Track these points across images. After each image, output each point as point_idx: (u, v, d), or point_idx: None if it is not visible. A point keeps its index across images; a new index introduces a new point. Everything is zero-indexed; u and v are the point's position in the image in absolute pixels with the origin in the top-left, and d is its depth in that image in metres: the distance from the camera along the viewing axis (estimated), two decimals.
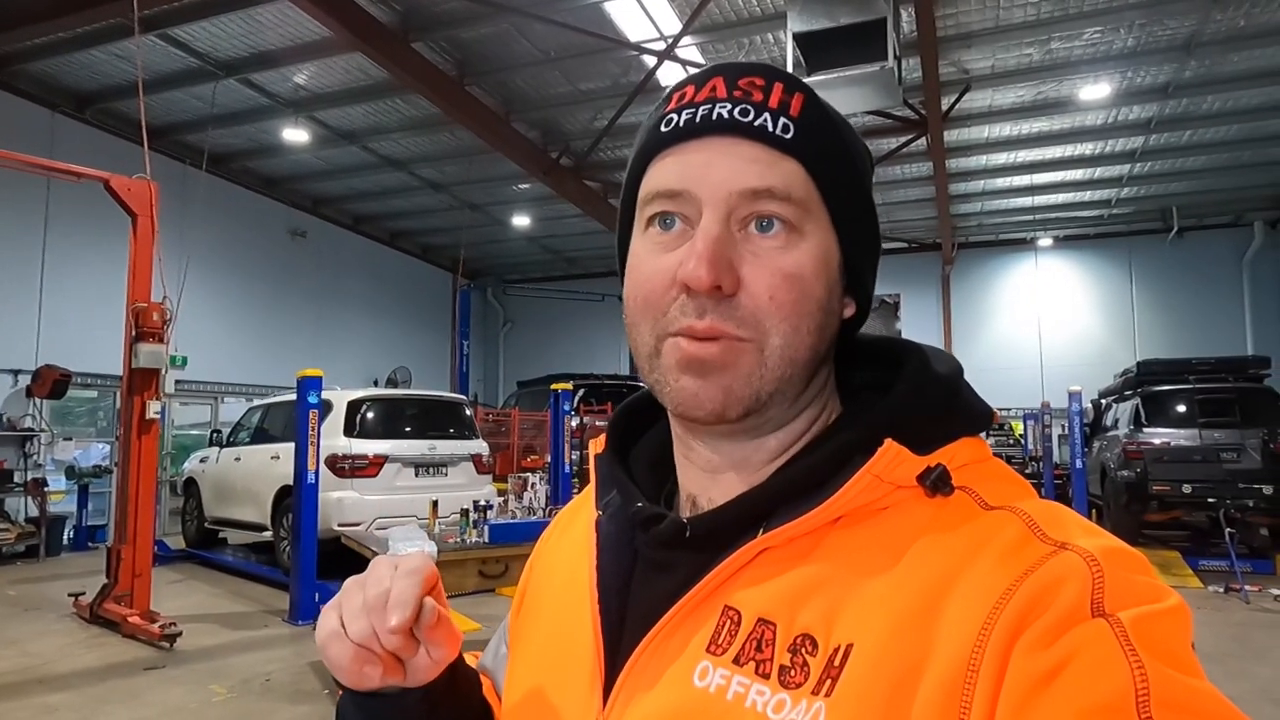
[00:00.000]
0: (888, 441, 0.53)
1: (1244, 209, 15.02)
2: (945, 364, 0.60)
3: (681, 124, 0.57)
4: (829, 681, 0.48)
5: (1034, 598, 0.45)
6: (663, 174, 0.57)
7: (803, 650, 0.50)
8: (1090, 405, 11.60)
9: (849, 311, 0.61)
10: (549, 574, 0.72)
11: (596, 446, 0.71)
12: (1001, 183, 13.91)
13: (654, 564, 0.60)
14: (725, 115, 0.56)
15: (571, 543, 0.70)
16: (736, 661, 0.52)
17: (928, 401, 0.57)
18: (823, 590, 0.52)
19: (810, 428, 0.60)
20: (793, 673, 0.50)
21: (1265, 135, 11.72)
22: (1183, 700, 0.41)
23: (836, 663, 0.49)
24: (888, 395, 0.58)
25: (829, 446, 0.57)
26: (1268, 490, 8.37)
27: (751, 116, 0.55)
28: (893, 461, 0.53)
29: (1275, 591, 7.45)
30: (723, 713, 0.51)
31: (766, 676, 0.51)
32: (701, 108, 0.56)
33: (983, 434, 0.59)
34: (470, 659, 0.81)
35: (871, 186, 0.62)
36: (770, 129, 0.55)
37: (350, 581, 0.58)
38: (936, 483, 0.53)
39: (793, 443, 0.60)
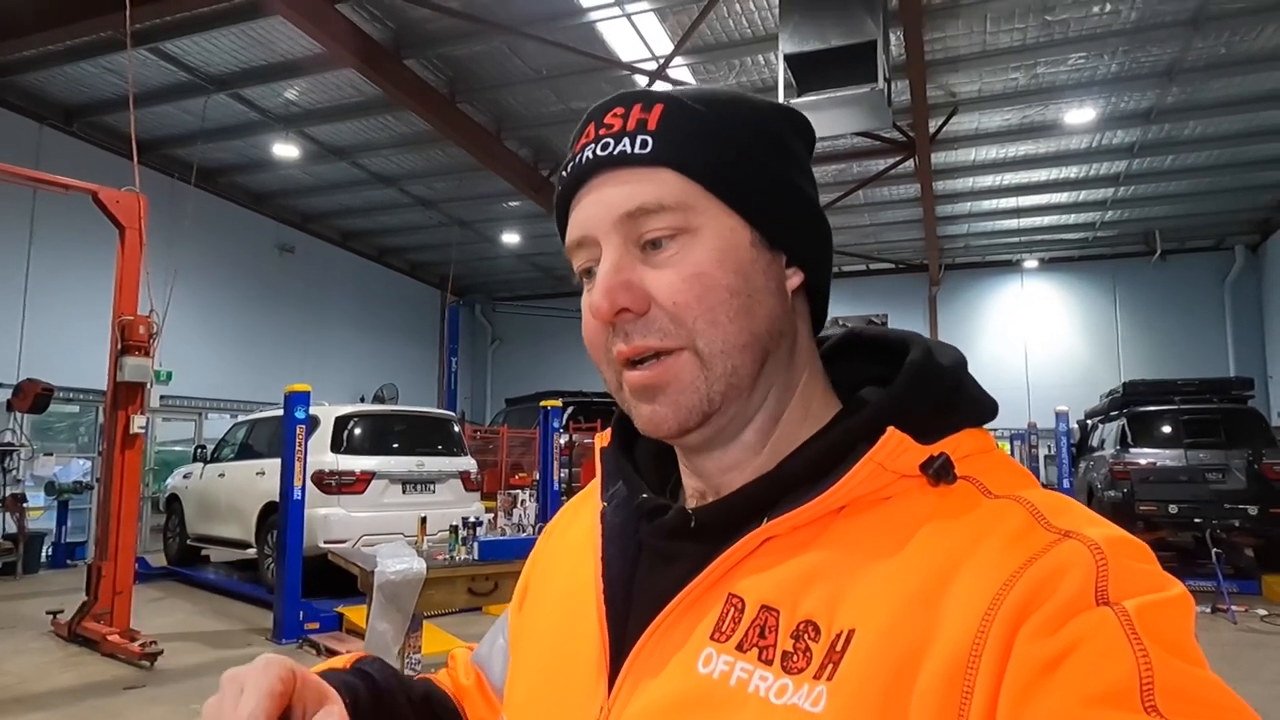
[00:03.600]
0: (890, 430, 0.53)
1: (1225, 233, 15.25)
2: (949, 356, 0.60)
3: (568, 177, 0.61)
4: (831, 666, 0.49)
5: (1038, 585, 0.46)
6: (569, 229, 0.61)
7: (805, 636, 0.51)
8: (1076, 426, 11.67)
9: (794, 281, 0.61)
10: (553, 566, 0.72)
11: (602, 440, 0.71)
12: (988, 205, 14.06)
13: (659, 554, 0.60)
14: (591, 156, 0.59)
15: (576, 535, 0.70)
16: (740, 648, 0.53)
17: (931, 392, 0.57)
18: (826, 577, 0.52)
19: (785, 409, 0.61)
20: (795, 658, 0.50)
21: (1246, 160, 11.92)
22: (1187, 688, 0.42)
23: (838, 648, 0.49)
24: (891, 385, 0.58)
25: (832, 436, 0.57)
26: (1253, 511, 8.42)
27: (611, 147, 0.58)
28: (896, 450, 0.53)
29: (1261, 611, 7.50)
30: (726, 698, 0.51)
31: (769, 662, 0.51)
32: (579, 156, 0.60)
33: (986, 426, 0.59)
34: (464, 652, 0.83)
35: (789, 153, 0.61)
36: (629, 151, 0.58)
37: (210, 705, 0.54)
38: (940, 471, 0.53)
39: (771, 428, 0.60)
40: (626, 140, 0.58)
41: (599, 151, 0.59)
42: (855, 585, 0.51)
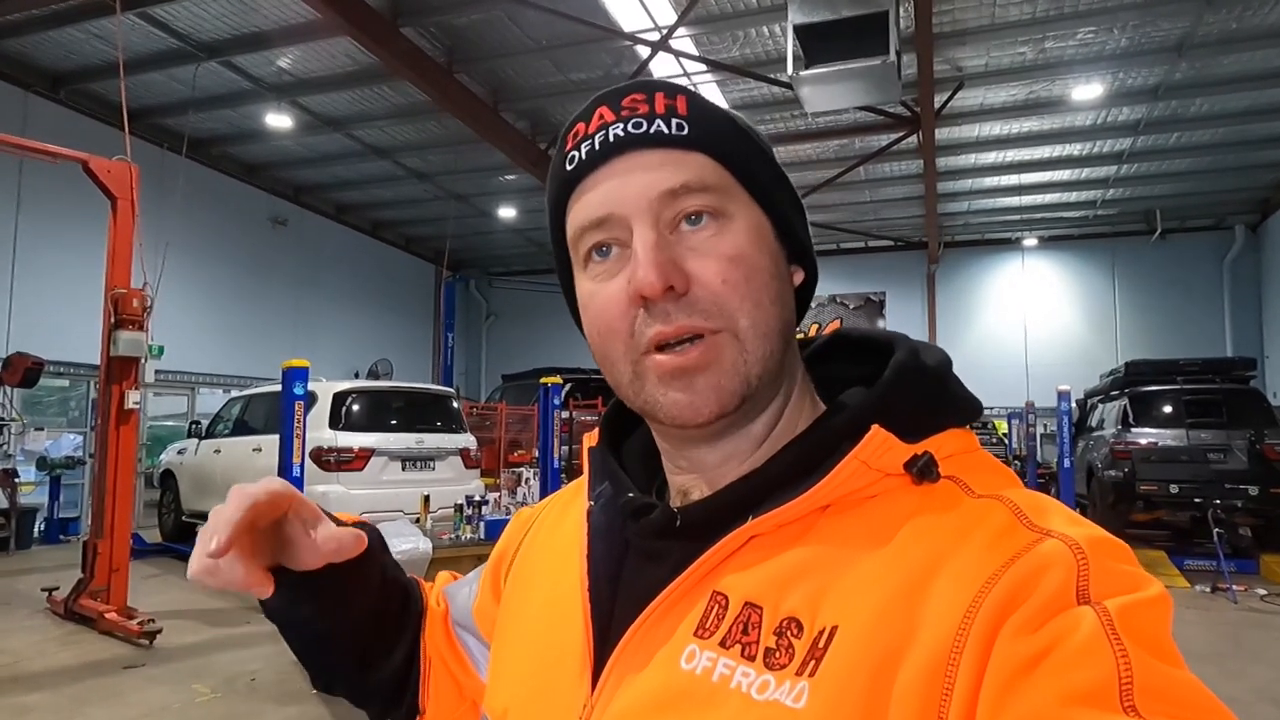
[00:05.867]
0: (874, 428, 0.53)
1: (1225, 212, 15.20)
2: (933, 356, 0.60)
3: (584, 156, 0.59)
4: (813, 662, 0.49)
5: (1019, 584, 0.46)
6: (584, 207, 0.59)
7: (788, 633, 0.51)
8: (1075, 405, 11.65)
9: (799, 278, 0.63)
10: (540, 566, 0.72)
11: (591, 439, 0.71)
12: (989, 182, 13.96)
13: (645, 553, 0.61)
14: (621, 133, 0.57)
15: (564, 535, 0.70)
16: (723, 644, 0.53)
17: (915, 391, 0.57)
18: (809, 574, 0.52)
19: (786, 405, 0.61)
20: (778, 654, 0.51)
21: (1248, 139, 11.86)
22: (1165, 689, 0.42)
23: (821, 644, 0.49)
24: (875, 384, 0.58)
25: (817, 434, 0.57)
26: (1253, 491, 8.42)
27: (645, 127, 0.57)
28: (879, 448, 0.53)
29: (1261, 591, 7.52)
30: (709, 694, 0.52)
31: (752, 658, 0.51)
32: (597, 136, 0.58)
33: (971, 426, 0.59)
34: (447, 577, 0.87)
35: (774, 158, 0.64)
36: (666, 131, 0.57)
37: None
38: (923, 470, 0.53)
39: (775, 422, 0.60)
40: (660, 121, 0.57)
41: (630, 129, 0.57)
42: (838, 583, 0.51)
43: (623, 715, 0.55)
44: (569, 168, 0.60)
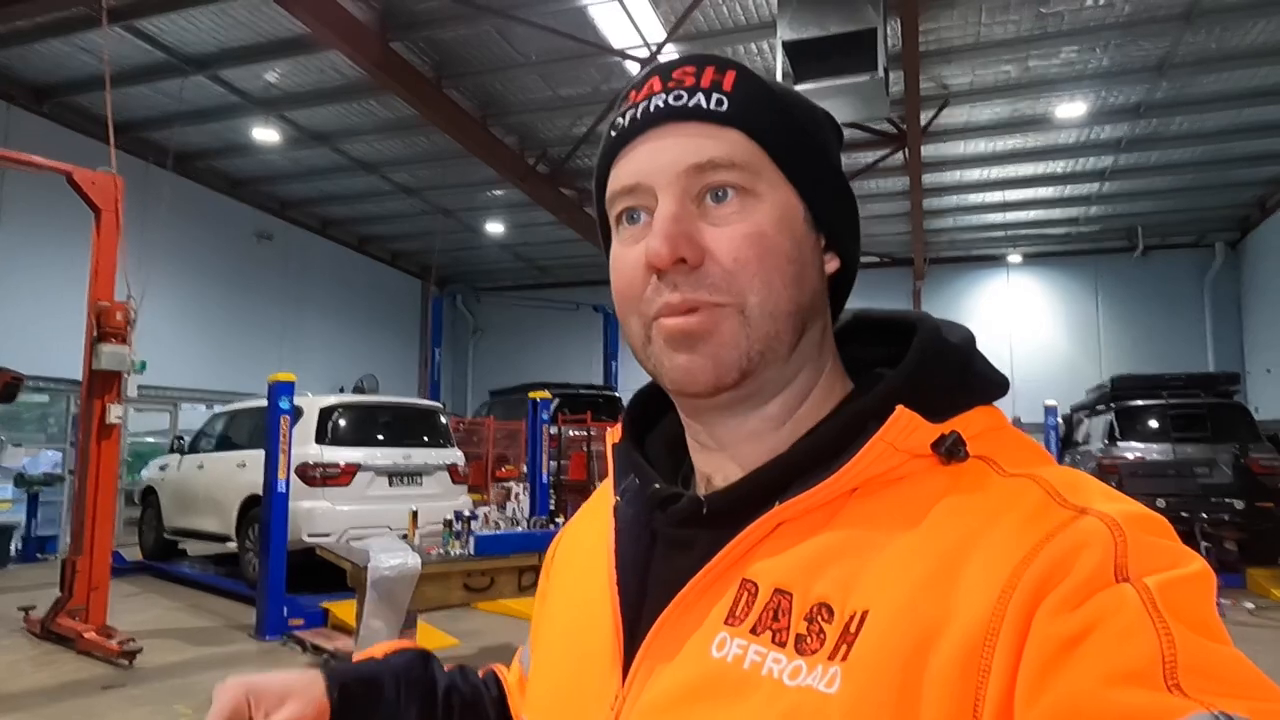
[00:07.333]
0: (899, 409, 0.53)
1: (1206, 229, 15.39)
2: (957, 334, 0.60)
3: (627, 124, 0.60)
4: (845, 647, 0.49)
5: (1055, 563, 0.45)
6: (619, 174, 0.60)
7: (819, 618, 0.51)
8: (1062, 420, 11.71)
9: (832, 265, 0.62)
10: (568, 564, 0.73)
11: (613, 436, 0.71)
12: (974, 199, 14.07)
13: (673, 542, 0.60)
14: (662, 105, 0.59)
15: (592, 531, 0.71)
16: (753, 631, 0.53)
17: (940, 370, 0.57)
18: (839, 559, 0.52)
19: (811, 390, 0.61)
20: (809, 640, 0.50)
21: (1229, 158, 12.01)
22: (1210, 666, 0.41)
23: (852, 629, 0.49)
24: (900, 365, 0.58)
25: (842, 417, 0.57)
26: (1239, 504, 8.49)
27: (685, 100, 0.58)
28: (905, 429, 0.53)
29: (1249, 605, 7.56)
30: (740, 680, 0.51)
31: (783, 645, 0.51)
32: (641, 105, 0.60)
33: (998, 402, 0.59)
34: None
35: (833, 147, 0.63)
36: (705, 106, 0.58)
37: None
38: (951, 450, 0.53)
39: (796, 405, 0.60)
40: (701, 95, 0.58)
41: (671, 101, 0.58)
42: (868, 566, 0.51)
43: (654, 705, 0.55)
44: (613, 134, 0.61)
